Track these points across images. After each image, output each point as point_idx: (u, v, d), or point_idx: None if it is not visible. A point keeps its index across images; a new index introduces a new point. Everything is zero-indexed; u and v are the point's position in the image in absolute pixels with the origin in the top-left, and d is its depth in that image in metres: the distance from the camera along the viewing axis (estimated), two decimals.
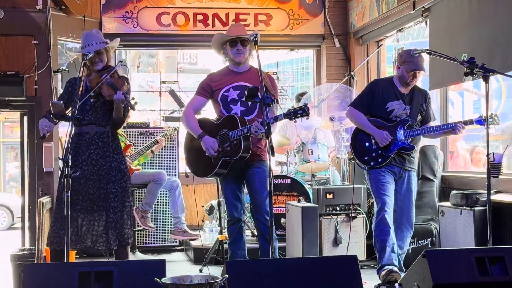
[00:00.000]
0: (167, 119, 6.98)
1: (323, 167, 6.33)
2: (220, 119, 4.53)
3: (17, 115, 6.91)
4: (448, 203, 5.20)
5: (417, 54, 4.58)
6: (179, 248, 6.73)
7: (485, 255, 3.29)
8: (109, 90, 4.34)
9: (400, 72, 4.78)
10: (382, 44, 7.37)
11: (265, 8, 7.59)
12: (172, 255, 6.51)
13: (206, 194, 7.28)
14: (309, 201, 5.86)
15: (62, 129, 6.48)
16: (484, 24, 5.09)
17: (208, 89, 4.60)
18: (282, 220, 5.85)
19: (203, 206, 6.72)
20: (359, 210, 5.61)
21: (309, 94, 6.87)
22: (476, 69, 4.09)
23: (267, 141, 3.78)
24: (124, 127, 6.40)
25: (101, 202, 4.34)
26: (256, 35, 4.09)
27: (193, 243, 6.22)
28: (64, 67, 6.67)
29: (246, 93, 4.04)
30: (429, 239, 5.44)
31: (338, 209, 5.60)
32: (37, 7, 6.43)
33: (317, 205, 5.46)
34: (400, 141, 4.74)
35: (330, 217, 5.56)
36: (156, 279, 2.94)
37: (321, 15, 7.68)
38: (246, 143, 4.35)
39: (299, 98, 6.98)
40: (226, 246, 5.22)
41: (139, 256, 6.24)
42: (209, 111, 4.83)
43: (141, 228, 6.22)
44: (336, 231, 5.53)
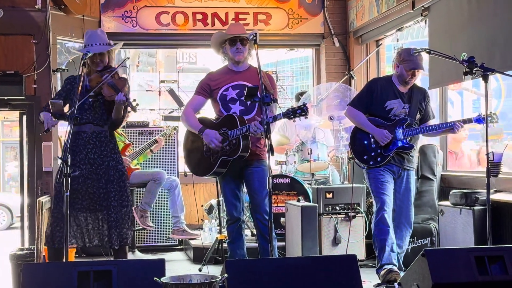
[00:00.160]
0: (166, 118, 6.97)
1: (323, 166, 6.33)
2: (219, 118, 4.53)
3: (16, 114, 6.90)
4: (447, 203, 5.19)
5: (416, 54, 4.57)
6: (179, 247, 6.72)
7: (484, 255, 3.29)
8: (110, 90, 4.33)
9: (399, 70, 4.78)
10: (382, 44, 7.37)
11: (264, 8, 7.58)
12: (171, 255, 6.50)
13: (205, 194, 7.28)
14: (309, 201, 5.85)
15: (61, 128, 6.48)
16: (483, 24, 5.09)
17: (207, 89, 4.59)
18: (282, 219, 5.84)
19: (202, 206, 6.71)
20: (358, 210, 5.60)
21: (308, 93, 6.87)
22: (476, 68, 4.08)
23: (266, 140, 3.78)
24: (123, 127, 6.40)
25: (102, 201, 4.34)
26: (256, 34, 4.09)
27: (192, 242, 6.22)
28: (64, 67, 6.67)
29: (245, 92, 4.03)
30: (429, 238, 5.44)
31: (338, 208, 5.59)
32: (36, 6, 6.41)
33: (317, 205, 5.45)
34: (399, 140, 4.74)
35: (329, 216, 5.55)
36: (155, 278, 2.93)
37: (320, 14, 7.68)
38: (245, 142, 4.34)
39: (298, 98, 6.98)
40: (225, 245, 5.22)
41: (139, 255, 6.24)
42: (208, 110, 4.82)
43: (140, 227, 6.21)
44: (336, 231, 5.53)
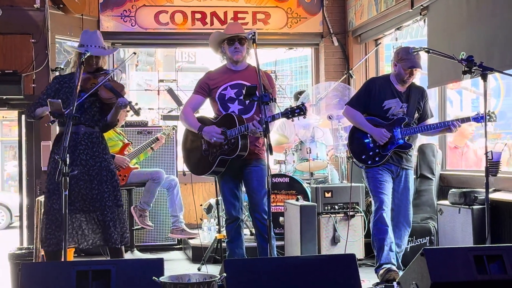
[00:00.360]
0: (165, 117, 6.97)
1: (322, 165, 6.33)
2: (218, 117, 4.52)
3: (15, 113, 6.90)
4: (446, 202, 5.20)
5: (415, 52, 4.57)
6: (178, 246, 6.72)
7: (483, 254, 3.29)
8: (108, 93, 4.31)
9: (397, 69, 4.77)
10: (381, 43, 7.37)
11: (263, 7, 7.58)
12: (170, 254, 6.51)
13: (204, 193, 7.27)
14: (308, 200, 5.85)
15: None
16: (482, 23, 5.09)
17: (205, 88, 4.59)
18: (281, 218, 5.84)
19: (201, 205, 6.71)
20: (357, 209, 5.60)
21: (307, 92, 6.87)
22: (475, 68, 4.08)
23: (265, 139, 3.78)
24: (122, 126, 6.41)
25: (95, 202, 4.32)
26: (254, 33, 4.09)
27: (191, 241, 6.22)
28: (62, 66, 6.66)
29: (244, 91, 4.02)
30: (428, 237, 5.44)
31: (337, 207, 5.59)
32: (35, 5, 6.41)
33: (316, 204, 5.45)
34: (398, 139, 4.73)
35: (328, 215, 5.55)
36: (154, 278, 2.93)
37: (319, 13, 7.68)
38: (243, 141, 4.34)
39: (297, 97, 6.98)
40: (224, 244, 5.22)
41: (138, 254, 6.23)
42: (207, 110, 4.82)
43: (139, 226, 6.22)
44: (335, 230, 5.53)
